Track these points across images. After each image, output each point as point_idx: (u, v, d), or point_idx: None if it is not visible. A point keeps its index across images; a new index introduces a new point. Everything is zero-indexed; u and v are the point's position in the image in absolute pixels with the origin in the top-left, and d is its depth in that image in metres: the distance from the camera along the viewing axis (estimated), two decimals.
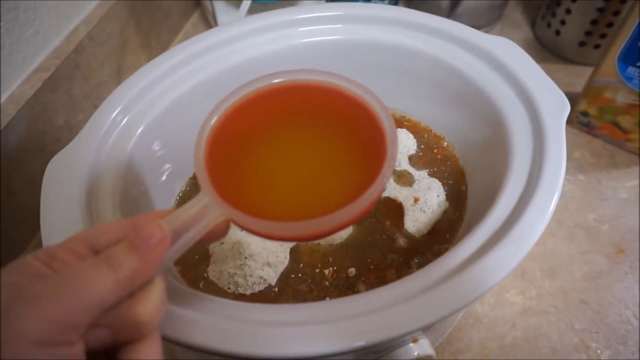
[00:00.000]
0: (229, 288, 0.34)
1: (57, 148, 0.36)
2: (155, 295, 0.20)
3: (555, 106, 0.32)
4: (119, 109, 0.33)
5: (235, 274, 0.34)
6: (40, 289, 0.17)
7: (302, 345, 0.23)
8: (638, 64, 0.48)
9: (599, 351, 0.42)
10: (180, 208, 0.22)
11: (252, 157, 0.26)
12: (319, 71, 0.26)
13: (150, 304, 0.19)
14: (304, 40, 0.39)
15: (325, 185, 0.25)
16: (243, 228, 0.23)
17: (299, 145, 0.27)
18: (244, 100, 0.26)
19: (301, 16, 0.39)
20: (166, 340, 0.23)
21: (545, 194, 0.27)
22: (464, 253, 0.27)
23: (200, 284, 0.34)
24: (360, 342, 0.22)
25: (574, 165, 0.55)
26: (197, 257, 0.35)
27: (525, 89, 0.33)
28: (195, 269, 0.35)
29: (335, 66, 0.41)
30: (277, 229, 0.22)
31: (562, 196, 0.52)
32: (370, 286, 0.33)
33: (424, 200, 0.37)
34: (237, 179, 0.25)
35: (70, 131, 0.51)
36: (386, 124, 0.24)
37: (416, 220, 0.36)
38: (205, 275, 0.35)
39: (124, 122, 0.33)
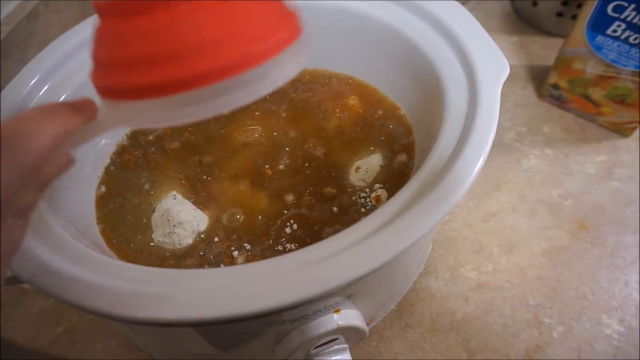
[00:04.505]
0: None
1: None
2: None
3: (493, 70, 0.30)
4: (39, 75, 0.32)
5: (165, 242, 0.33)
6: None
7: (189, 310, 0.22)
8: (607, 32, 0.45)
9: (551, 327, 0.41)
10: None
11: None
12: None
13: None
14: None
15: None
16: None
17: None
18: None
19: None
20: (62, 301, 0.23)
21: (466, 162, 0.26)
22: (381, 217, 0.25)
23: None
24: (249, 308, 0.21)
25: (542, 139, 0.53)
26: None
27: (465, 51, 0.32)
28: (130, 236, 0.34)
29: None
30: None
31: (526, 171, 0.51)
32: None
33: (364, 169, 0.36)
34: None
35: None
36: None
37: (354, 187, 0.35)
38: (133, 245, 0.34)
39: (44, 89, 0.32)
